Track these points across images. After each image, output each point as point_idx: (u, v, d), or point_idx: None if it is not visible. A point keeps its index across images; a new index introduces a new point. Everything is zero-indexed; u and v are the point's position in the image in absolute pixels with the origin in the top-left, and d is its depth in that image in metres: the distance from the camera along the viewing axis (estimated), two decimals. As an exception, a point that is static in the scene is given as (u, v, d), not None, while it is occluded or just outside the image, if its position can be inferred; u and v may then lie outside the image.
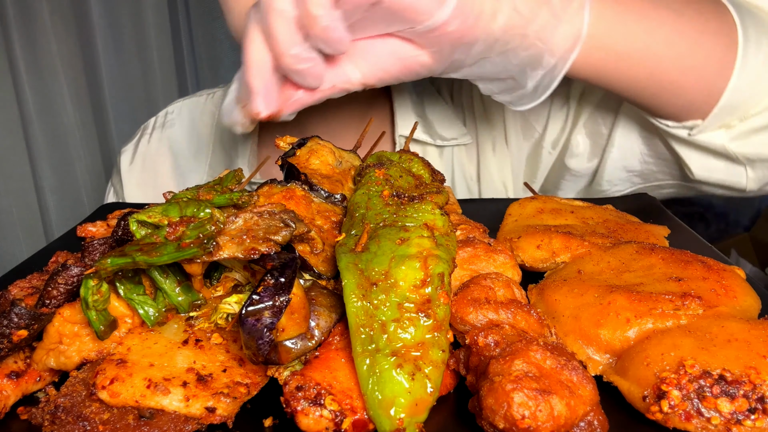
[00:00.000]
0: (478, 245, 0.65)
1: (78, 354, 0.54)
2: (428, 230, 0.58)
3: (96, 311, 0.52)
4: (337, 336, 0.54)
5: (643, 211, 0.85)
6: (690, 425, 0.45)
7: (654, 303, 0.54)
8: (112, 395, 0.49)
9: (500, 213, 0.83)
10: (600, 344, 0.53)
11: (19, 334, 0.51)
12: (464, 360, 0.52)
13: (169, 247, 0.51)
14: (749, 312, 0.56)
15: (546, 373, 0.46)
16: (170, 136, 1.31)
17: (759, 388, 0.44)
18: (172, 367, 0.52)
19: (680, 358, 0.47)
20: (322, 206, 0.70)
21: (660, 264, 0.61)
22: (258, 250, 0.52)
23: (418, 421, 0.46)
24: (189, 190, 0.63)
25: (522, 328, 0.54)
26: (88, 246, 0.58)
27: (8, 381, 0.53)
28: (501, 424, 0.43)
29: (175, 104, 1.36)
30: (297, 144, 0.77)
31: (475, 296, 0.56)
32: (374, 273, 0.53)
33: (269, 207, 0.58)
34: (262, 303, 0.47)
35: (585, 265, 0.64)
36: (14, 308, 0.51)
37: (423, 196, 0.64)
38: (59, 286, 0.54)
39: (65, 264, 0.54)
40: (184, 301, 0.56)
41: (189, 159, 1.28)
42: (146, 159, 1.30)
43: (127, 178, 1.30)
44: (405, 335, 0.49)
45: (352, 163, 0.80)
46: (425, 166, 0.74)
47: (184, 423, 0.49)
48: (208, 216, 0.55)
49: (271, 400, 0.52)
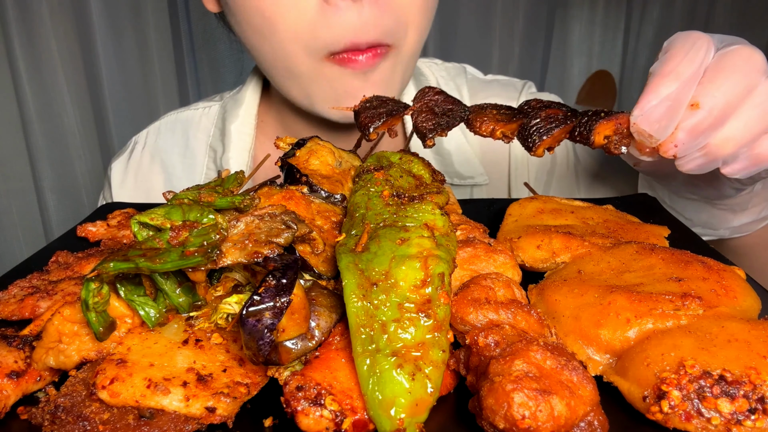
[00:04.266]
0: (478, 245, 0.65)
1: (77, 353, 0.54)
2: (428, 230, 0.58)
3: (96, 312, 0.52)
4: (338, 336, 0.54)
5: (643, 211, 0.85)
6: (690, 425, 0.45)
7: (654, 303, 0.54)
8: (112, 395, 0.49)
9: (500, 213, 0.83)
10: (600, 344, 0.53)
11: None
12: (464, 360, 0.52)
13: (172, 255, 0.51)
14: (749, 312, 0.56)
15: (546, 374, 0.46)
16: (162, 153, 1.28)
17: (759, 388, 0.44)
18: (172, 367, 0.52)
19: (680, 359, 0.47)
20: (322, 206, 0.70)
21: (660, 264, 0.61)
22: (261, 254, 0.52)
23: (419, 421, 0.46)
24: (190, 191, 0.63)
25: (522, 328, 0.54)
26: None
27: (8, 381, 0.53)
28: (501, 424, 0.43)
29: (168, 117, 1.32)
30: (296, 144, 0.77)
31: (476, 296, 0.56)
32: (374, 273, 0.53)
33: (270, 209, 0.58)
34: (263, 304, 0.47)
35: (585, 266, 0.64)
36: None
37: (423, 197, 0.64)
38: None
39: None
40: (184, 302, 0.56)
41: (182, 179, 1.25)
42: (138, 175, 1.27)
43: (118, 193, 1.27)
44: (405, 335, 0.50)
45: (352, 164, 0.80)
46: (425, 166, 0.74)
47: (184, 423, 0.49)
48: (211, 222, 0.55)
49: (271, 400, 0.52)
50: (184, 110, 1.32)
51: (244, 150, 1.20)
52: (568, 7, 3.13)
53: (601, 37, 3.30)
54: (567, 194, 1.17)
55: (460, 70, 1.31)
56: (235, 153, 1.19)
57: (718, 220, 0.89)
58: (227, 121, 1.22)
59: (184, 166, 1.26)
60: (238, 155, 1.19)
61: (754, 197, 0.84)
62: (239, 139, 1.20)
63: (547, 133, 0.65)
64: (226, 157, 1.19)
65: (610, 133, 0.64)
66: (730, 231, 0.90)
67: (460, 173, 1.17)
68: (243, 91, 1.24)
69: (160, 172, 1.27)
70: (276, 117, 1.22)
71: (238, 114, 1.21)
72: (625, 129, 0.64)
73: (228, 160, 1.19)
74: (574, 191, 1.17)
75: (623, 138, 0.64)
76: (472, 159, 1.19)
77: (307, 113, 1.11)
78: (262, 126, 1.25)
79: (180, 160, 1.27)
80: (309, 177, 0.71)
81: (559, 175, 1.20)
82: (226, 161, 1.19)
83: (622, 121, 0.63)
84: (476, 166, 1.18)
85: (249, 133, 1.21)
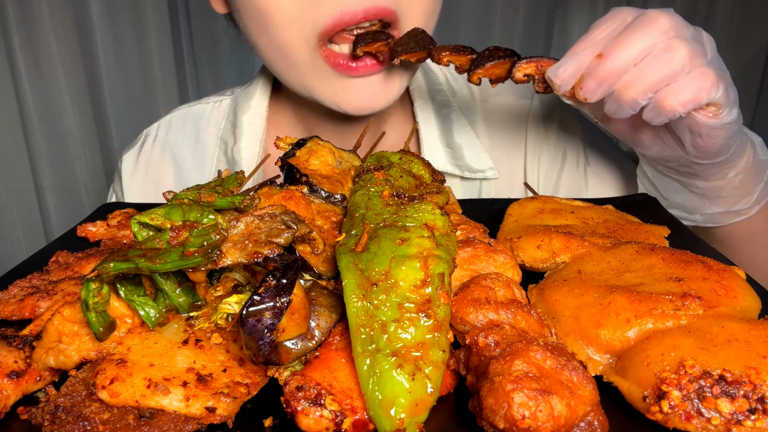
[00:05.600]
0: (478, 245, 0.65)
1: (77, 353, 0.54)
2: (428, 230, 0.58)
3: (96, 313, 0.52)
4: (338, 336, 0.54)
5: (643, 211, 0.85)
6: (690, 425, 0.45)
7: (654, 303, 0.54)
8: (112, 395, 0.49)
9: (500, 213, 0.83)
10: (600, 344, 0.53)
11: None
12: (464, 360, 0.52)
13: (173, 255, 0.51)
14: (749, 312, 0.56)
15: (546, 374, 0.46)
16: (173, 146, 1.28)
17: (759, 388, 0.44)
18: (172, 367, 0.52)
19: (680, 359, 0.47)
20: (322, 206, 0.70)
21: (660, 264, 0.61)
22: (261, 254, 0.52)
23: (419, 421, 0.46)
24: (190, 191, 0.64)
25: (522, 328, 0.54)
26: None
27: (8, 381, 0.53)
28: (501, 424, 0.43)
29: (179, 110, 1.33)
30: (296, 144, 0.77)
31: (476, 296, 0.56)
32: (374, 273, 0.53)
33: (270, 209, 0.58)
34: (263, 304, 0.47)
35: (585, 266, 0.64)
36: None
37: (423, 197, 0.64)
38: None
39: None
40: (184, 302, 0.56)
41: (192, 171, 1.26)
42: (148, 168, 1.28)
43: (128, 186, 1.28)
44: (405, 335, 0.49)
45: (352, 164, 0.80)
46: (425, 166, 0.74)
47: (184, 423, 0.49)
48: (211, 222, 0.55)
49: (271, 400, 0.52)
50: (195, 104, 1.33)
51: (255, 141, 1.20)
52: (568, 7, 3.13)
53: (601, 37, 3.29)
54: (575, 194, 1.17)
55: None
56: (246, 144, 1.20)
57: (693, 205, 0.94)
58: (238, 112, 1.23)
59: (195, 159, 1.27)
60: (249, 146, 1.20)
61: (727, 187, 0.88)
62: (250, 130, 1.21)
63: (481, 65, 0.81)
64: (237, 148, 1.20)
65: (531, 72, 0.78)
66: (704, 218, 0.95)
67: (471, 167, 1.18)
68: (254, 84, 1.25)
69: (171, 165, 1.28)
70: (290, 108, 1.23)
71: (250, 105, 1.22)
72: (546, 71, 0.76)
73: (239, 150, 1.19)
74: (582, 191, 1.18)
75: (544, 79, 0.77)
76: (482, 153, 1.19)
77: (321, 107, 1.12)
78: (274, 118, 1.25)
79: (190, 153, 1.27)
80: (309, 177, 0.71)
81: (567, 174, 1.20)
82: (237, 152, 1.20)
83: (543, 63, 0.77)
84: (486, 160, 1.19)
85: (260, 124, 1.21)
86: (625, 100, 0.71)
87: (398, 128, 1.22)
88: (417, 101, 1.20)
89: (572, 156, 1.19)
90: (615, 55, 0.70)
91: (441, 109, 1.20)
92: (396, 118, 1.21)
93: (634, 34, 0.70)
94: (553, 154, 1.19)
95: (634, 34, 0.70)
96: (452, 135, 1.19)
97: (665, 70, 0.69)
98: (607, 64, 0.70)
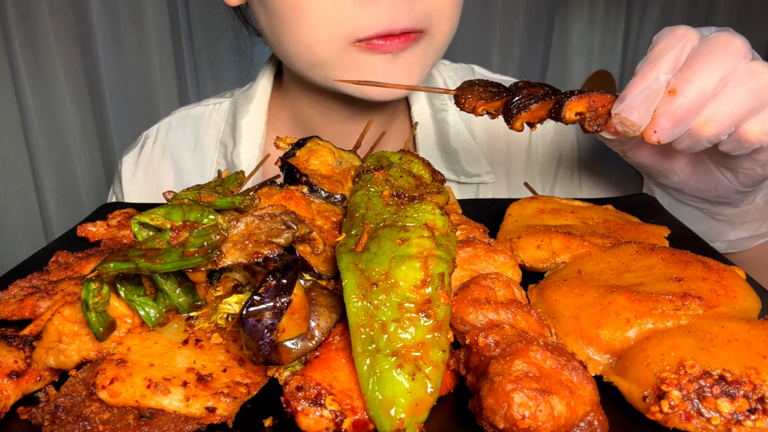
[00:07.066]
0: (478, 245, 0.65)
1: (77, 353, 0.54)
2: (428, 230, 0.58)
3: (96, 313, 0.52)
4: (338, 336, 0.54)
5: (643, 211, 0.85)
6: (690, 425, 0.45)
7: (654, 303, 0.54)
8: (112, 395, 0.49)
9: (500, 213, 0.83)
10: (600, 344, 0.53)
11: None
12: (464, 360, 0.52)
13: (173, 255, 0.51)
14: (749, 312, 0.56)
15: (546, 374, 0.46)
16: (173, 149, 1.28)
17: (759, 388, 0.44)
18: (172, 367, 0.52)
19: (680, 359, 0.47)
20: (322, 206, 0.70)
21: (660, 264, 0.61)
22: (261, 254, 0.52)
23: (419, 421, 0.46)
24: (190, 191, 0.63)
25: (522, 328, 0.54)
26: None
27: (8, 381, 0.53)
28: (501, 424, 0.43)
29: (179, 112, 1.32)
30: (296, 144, 0.77)
31: (475, 296, 0.56)
32: (374, 273, 0.53)
33: (270, 209, 0.58)
34: (263, 304, 0.47)
35: (585, 266, 0.64)
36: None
37: (423, 197, 0.64)
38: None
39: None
40: (184, 302, 0.56)
41: (192, 174, 1.26)
42: (148, 170, 1.28)
43: (128, 188, 1.27)
44: (405, 335, 0.50)
45: (352, 164, 0.80)
46: (425, 166, 0.74)
47: (184, 423, 0.49)
48: (212, 223, 0.55)
49: (271, 400, 0.52)
50: (194, 106, 1.32)
51: (255, 145, 1.20)
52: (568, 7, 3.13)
53: (601, 37, 3.31)
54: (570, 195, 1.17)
55: (468, 70, 1.31)
56: (246, 148, 1.20)
57: (715, 232, 0.89)
58: (238, 116, 1.23)
59: (195, 161, 1.27)
60: (248, 150, 1.19)
61: (754, 210, 0.84)
62: (250, 134, 1.20)
63: (525, 108, 0.68)
64: (237, 152, 1.20)
65: (582, 110, 0.67)
66: (726, 245, 0.90)
67: (468, 171, 1.17)
68: (254, 87, 1.25)
69: (171, 167, 1.27)
70: (289, 112, 1.23)
71: (249, 109, 1.22)
72: (599, 108, 0.66)
73: (239, 155, 1.19)
74: (577, 192, 1.18)
75: (597, 117, 0.67)
76: (479, 157, 1.19)
77: (322, 109, 1.11)
78: (274, 122, 1.25)
79: (190, 156, 1.27)
80: (309, 177, 0.71)
81: (563, 177, 1.20)
82: (237, 156, 1.20)
83: (595, 98, 0.66)
84: (483, 164, 1.19)
85: (260, 128, 1.21)
86: (705, 137, 0.64)
87: (396, 132, 1.22)
88: (414, 105, 1.20)
89: (567, 160, 1.19)
90: (689, 88, 0.61)
91: (438, 113, 1.21)
92: (395, 121, 1.21)
93: (710, 61, 0.61)
94: (549, 157, 1.19)
95: (709, 61, 0.61)
96: (449, 140, 1.20)
97: (751, 100, 0.61)
98: (683, 101, 0.61)
